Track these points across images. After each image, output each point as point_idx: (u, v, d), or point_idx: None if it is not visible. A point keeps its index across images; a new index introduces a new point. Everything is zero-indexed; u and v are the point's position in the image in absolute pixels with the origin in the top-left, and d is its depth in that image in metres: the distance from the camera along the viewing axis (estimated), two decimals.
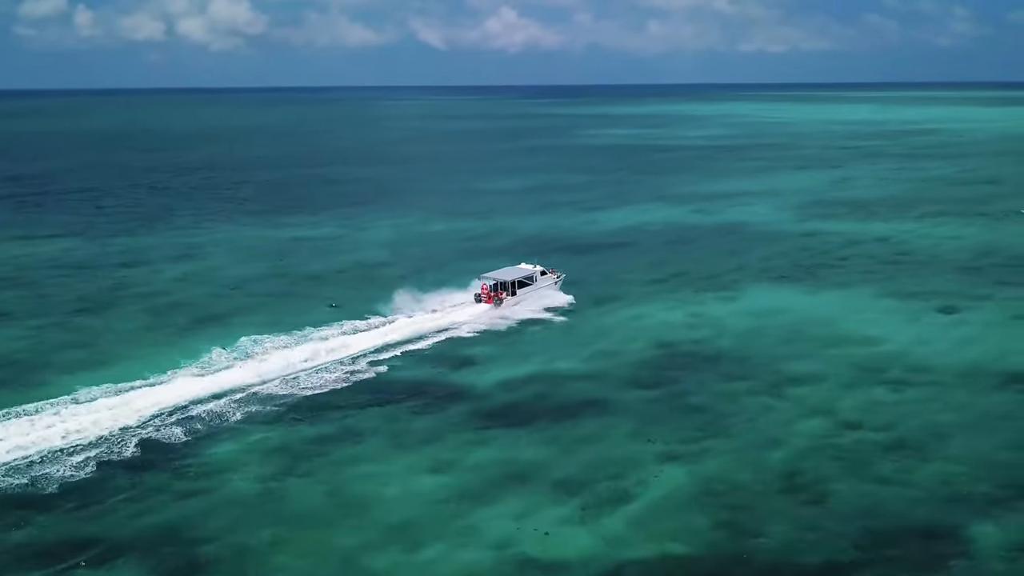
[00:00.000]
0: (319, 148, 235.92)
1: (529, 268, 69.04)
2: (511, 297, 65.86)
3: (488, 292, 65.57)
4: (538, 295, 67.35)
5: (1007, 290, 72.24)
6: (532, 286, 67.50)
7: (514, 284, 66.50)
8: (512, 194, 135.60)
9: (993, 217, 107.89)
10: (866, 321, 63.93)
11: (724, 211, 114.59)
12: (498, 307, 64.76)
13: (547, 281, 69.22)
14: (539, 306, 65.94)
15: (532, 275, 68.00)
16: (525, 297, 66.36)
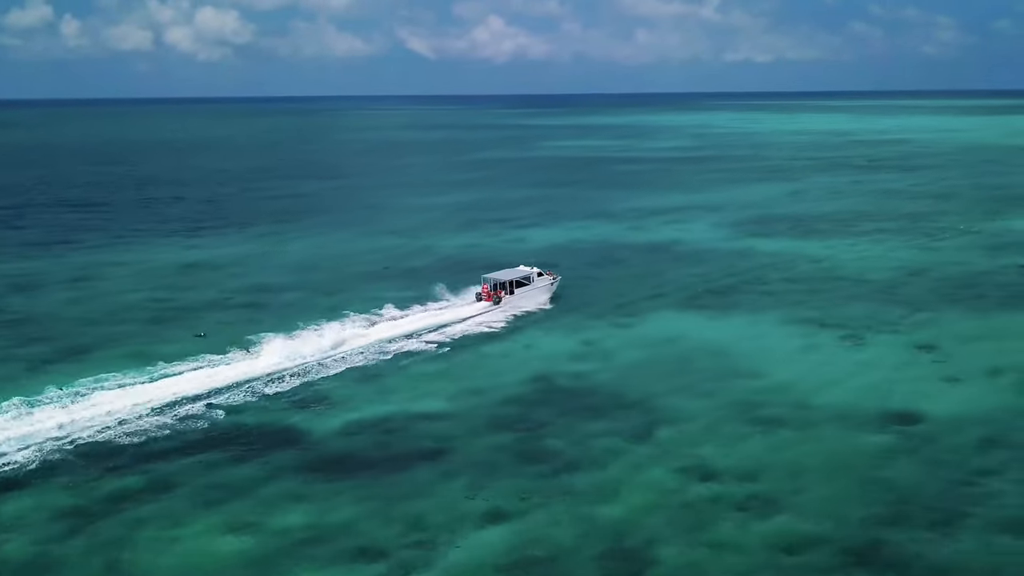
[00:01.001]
0: (276, 161, 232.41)
1: (527, 270, 74.45)
2: (509, 296, 71.07)
3: (488, 291, 70.90)
4: (534, 294, 72.61)
5: (920, 316, 68.97)
6: (529, 286, 72.68)
7: (512, 284, 71.78)
8: (448, 210, 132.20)
9: (932, 235, 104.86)
10: (762, 352, 60.55)
11: (659, 228, 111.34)
12: (497, 305, 69.96)
13: (543, 282, 74.34)
14: (535, 304, 71.94)
15: (529, 276, 73.36)
16: (522, 296, 71.65)
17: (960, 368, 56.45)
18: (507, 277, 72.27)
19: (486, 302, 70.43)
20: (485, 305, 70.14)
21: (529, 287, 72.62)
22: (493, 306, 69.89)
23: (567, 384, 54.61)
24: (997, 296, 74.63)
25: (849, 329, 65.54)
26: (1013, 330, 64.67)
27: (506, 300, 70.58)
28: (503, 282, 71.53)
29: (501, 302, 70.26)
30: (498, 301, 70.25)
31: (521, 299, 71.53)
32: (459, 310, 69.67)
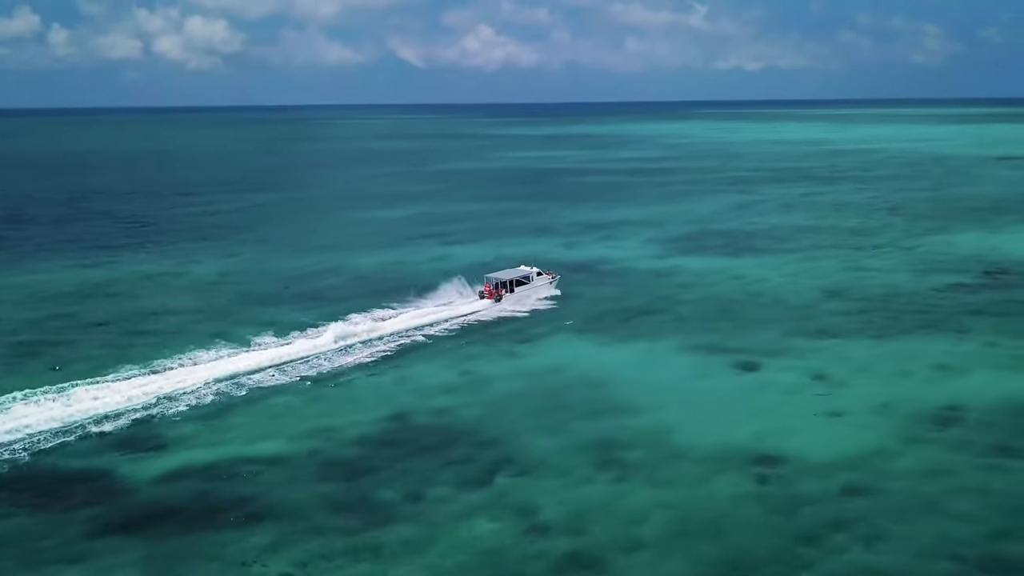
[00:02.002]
0: (231, 173, 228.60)
1: (527, 270, 79.65)
2: (510, 294, 75.95)
3: (491, 289, 75.64)
4: (534, 292, 77.76)
5: (826, 342, 65.79)
6: (529, 285, 77.80)
7: (512, 283, 76.70)
8: (384, 224, 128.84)
9: (867, 252, 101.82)
10: (645, 383, 57.29)
11: (589, 246, 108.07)
12: (498, 302, 74.82)
13: (543, 281, 79.64)
14: (534, 300, 76.91)
15: (529, 275, 78.46)
16: (522, 294, 76.54)
17: (849, 402, 53.23)
18: (508, 276, 77.39)
19: (488, 299, 75.28)
20: (487, 303, 74.97)
21: (528, 286, 77.94)
22: (495, 303, 74.90)
23: (424, 422, 51.20)
24: (912, 320, 71.45)
25: (747, 356, 62.35)
26: (918, 358, 61.42)
27: (507, 297, 75.65)
28: (504, 281, 76.63)
29: (502, 299, 75.27)
30: (499, 299, 75.27)
31: (521, 296, 76.50)
32: (462, 307, 74.22)
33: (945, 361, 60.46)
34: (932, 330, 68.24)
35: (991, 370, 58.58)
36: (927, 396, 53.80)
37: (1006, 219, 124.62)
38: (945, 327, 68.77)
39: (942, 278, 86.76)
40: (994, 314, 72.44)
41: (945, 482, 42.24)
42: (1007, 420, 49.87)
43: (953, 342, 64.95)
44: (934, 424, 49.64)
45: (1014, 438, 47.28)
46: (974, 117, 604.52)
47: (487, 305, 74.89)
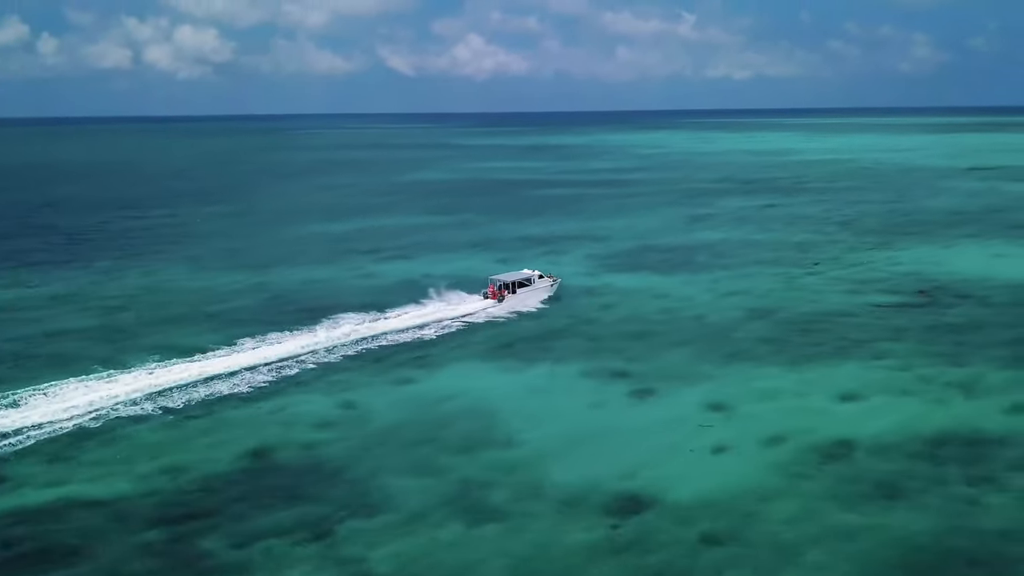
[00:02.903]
0: (192, 184, 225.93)
1: (529, 272, 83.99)
2: (512, 295, 79.76)
3: (494, 291, 79.85)
4: (535, 295, 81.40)
5: (734, 367, 63.21)
6: (530, 287, 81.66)
7: (514, 284, 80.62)
8: (324, 239, 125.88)
9: (807, 268, 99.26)
10: (534, 414, 54.68)
11: (525, 262, 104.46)
12: (501, 302, 78.87)
13: (544, 284, 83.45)
14: (537, 301, 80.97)
15: (531, 278, 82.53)
16: (523, 295, 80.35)
17: (738, 436, 50.59)
18: (511, 279, 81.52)
19: (491, 300, 79.35)
20: (491, 303, 79.06)
21: (530, 288, 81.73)
22: (497, 303, 78.91)
23: (284, 459, 48.34)
24: (830, 343, 68.96)
25: (648, 383, 59.79)
26: (825, 386, 58.89)
27: (509, 298, 79.52)
28: (507, 283, 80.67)
29: (504, 300, 79.22)
30: (502, 299, 79.27)
31: (522, 298, 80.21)
32: (467, 306, 78.41)
33: (852, 389, 57.95)
34: (848, 354, 65.72)
35: (896, 399, 56.13)
36: (821, 429, 51.21)
37: (956, 233, 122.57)
38: (862, 351, 66.30)
39: (874, 297, 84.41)
40: (915, 336, 70.07)
41: (809, 529, 39.62)
42: (898, 457, 47.31)
43: (865, 368, 62.49)
44: (820, 461, 47.04)
45: (901, 478, 44.69)
46: (957, 126, 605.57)
47: (490, 305, 78.87)
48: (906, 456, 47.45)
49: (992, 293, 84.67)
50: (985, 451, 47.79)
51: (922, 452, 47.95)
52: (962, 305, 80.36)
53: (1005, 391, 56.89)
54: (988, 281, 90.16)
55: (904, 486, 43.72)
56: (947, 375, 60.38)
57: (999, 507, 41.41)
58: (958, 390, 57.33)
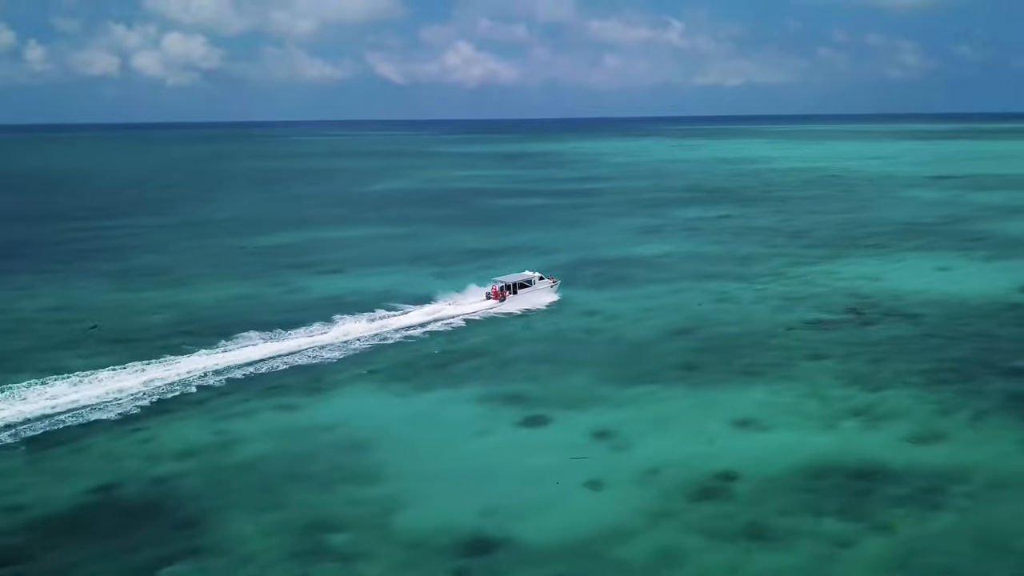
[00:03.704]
0: (147, 194, 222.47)
1: (530, 274, 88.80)
2: (513, 295, 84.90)
3: (497, 291, 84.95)
4: (536, 295, 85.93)
5: (635, 390, 60.85)
6: (530, 288, 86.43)
7: (516, 285, 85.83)
8: (260, 252, 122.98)
9: (743, 282, 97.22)
10: (410, 446, 52.19)
11: (458, 276, 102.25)
12: (503, 302, 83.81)
13: (544, 285, 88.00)
14: (538, 301, 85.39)
15: (531, 279, 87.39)
16: (524, 295, 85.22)
17: (618, 467, 48.18)
18: (513, 280, 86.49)
19: (494, 300, 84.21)
20: (493, 303, 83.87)
21: (531, 288, 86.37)
22: (499, 303, 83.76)
23: (130, 495, 45.63)
24: (744, 364, 66.56)
25: (542, 408, 57.30)
26: (726, 410, 56.53)
27: (510, 298, 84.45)
28: (508, 284, 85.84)
29: (506, 300, 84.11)
30: (503, 299, 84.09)
31: (523, 298, 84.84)
32: (470, 305, 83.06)
33: (750, 415, 55.48)
34: (757, 377, 63.28)
35: (792, 427, 53.68)
36: (705, 460, 48.70)
37: (907, 245, 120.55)
38: (772, 373, 63.89)
39: (804, 314, 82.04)
40: (832, 357, 67.70)
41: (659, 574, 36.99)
42: (777, 492, 44.83)
43: (771, 392, 60.05)
44: (694, 496, 44.51)
45: (773, 516, 42.21)
46: (938, 134, 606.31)
47: (493, 304, 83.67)
48: (787, 490, 44.97)
49: (925, 310, 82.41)
50: (871, 486, 45.33)
51: (804, 486, 45.48)
52: (890, 323, 78.07)
53: (908, 418, 54.55)
54: (924, 296, 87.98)
55: (774, 525, 41.22)
56: (853, 400, 58.00)
57: (869, 549, 38.96)
58: (860, 417, 54.92)
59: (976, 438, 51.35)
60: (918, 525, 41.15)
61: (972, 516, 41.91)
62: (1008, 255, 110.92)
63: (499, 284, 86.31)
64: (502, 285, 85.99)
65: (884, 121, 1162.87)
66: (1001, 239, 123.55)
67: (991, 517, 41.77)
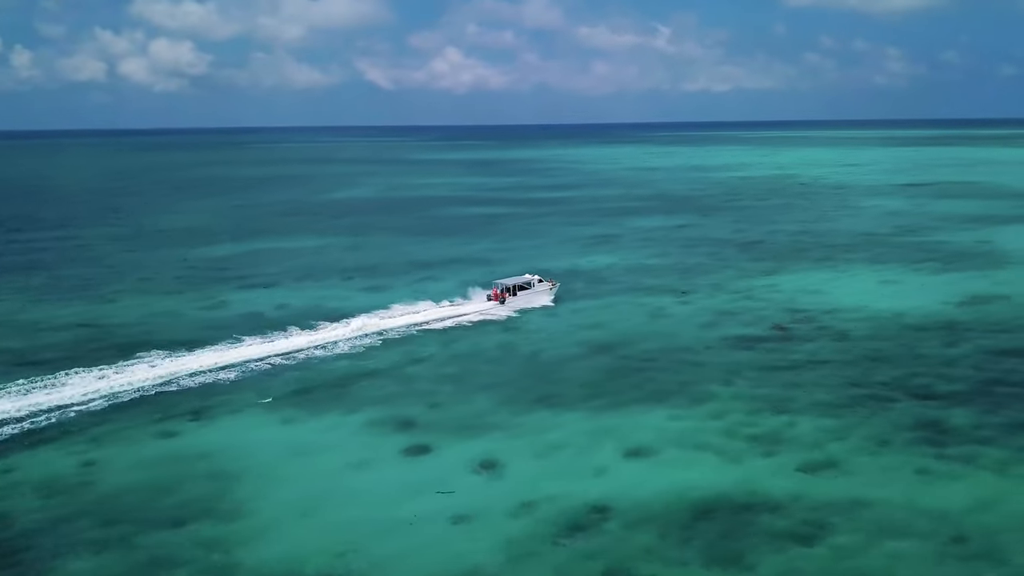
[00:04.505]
0: (93, 203, 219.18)
1: (530, 277, 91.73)
2: (513, 297, 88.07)
3: (497, 293, 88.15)
4: (535, 297, 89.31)
5: (535, 415, 58.56)
6: (530, 290, 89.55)
7: (515, 288, 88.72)
8: (188, 265, 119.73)
9: (677, 297, 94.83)
10: (279, 478, 49.66)
11: (395, 290, 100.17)
12: (503, 304, 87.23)
13: (543, 287, 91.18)
14: (538, 303, 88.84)
15: (531, 282, 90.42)
16: (524, 297, 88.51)
17: (492, 500, 45.96)
18: (513, 282, 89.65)
19: (494, 301, 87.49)
20: (494, 304, 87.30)
21: (530, 291, 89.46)
22: (500, 304, 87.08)
23: None
24: (654, 385, 64.36)
25: (432, 435, 54.98)
26: (620, 437, 54.33)
27: (510, 300, 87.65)
28: (509, 286, 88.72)
29: (506, 301, 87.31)
30: (503, 301, 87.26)
31: (523, 299, 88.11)
32: (473, 305, 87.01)
33: (646, 443, 53.24)
34: (663, 399, 61.04)
35: (687, 456, 51.50)
36: (588, 493, 46.42)
37: (857, 257, 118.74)
38: (681, 396, 61.71)
39: (731, 330, 79.86)
40: (747, 378, 65.60)
41: None
42: (651, 528, 42.65)
43: (673, 416, 57.85)
44: (563, 533, 42.27)
45: (640, 557, 40.02)
46: (919, 140, 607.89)
47: (493, 306, 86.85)
48: (659, 528, 42.67)
49: (856, 327, 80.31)
50: (749, 521, 43.08)
51: (679, 522, 43.16)
52: (816, 341, 75.91)
53: (808, 447, 52.30)
54: (859, 312, 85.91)
55: (637, 569, 38.87)
56: (756, 426, 55.75)
57: None
58: (759, 446, 52.64)
59: (874, 470, 49.10)
60: (787, 566, 38.83)
61: (847, 558, 39.62)
62: (955, 268, 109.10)
63: (500, 286, 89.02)
64: (502, 287, 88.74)
65: (870, 127, 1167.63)
66: (952, 251, 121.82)
67: (867, 560, 39.50)
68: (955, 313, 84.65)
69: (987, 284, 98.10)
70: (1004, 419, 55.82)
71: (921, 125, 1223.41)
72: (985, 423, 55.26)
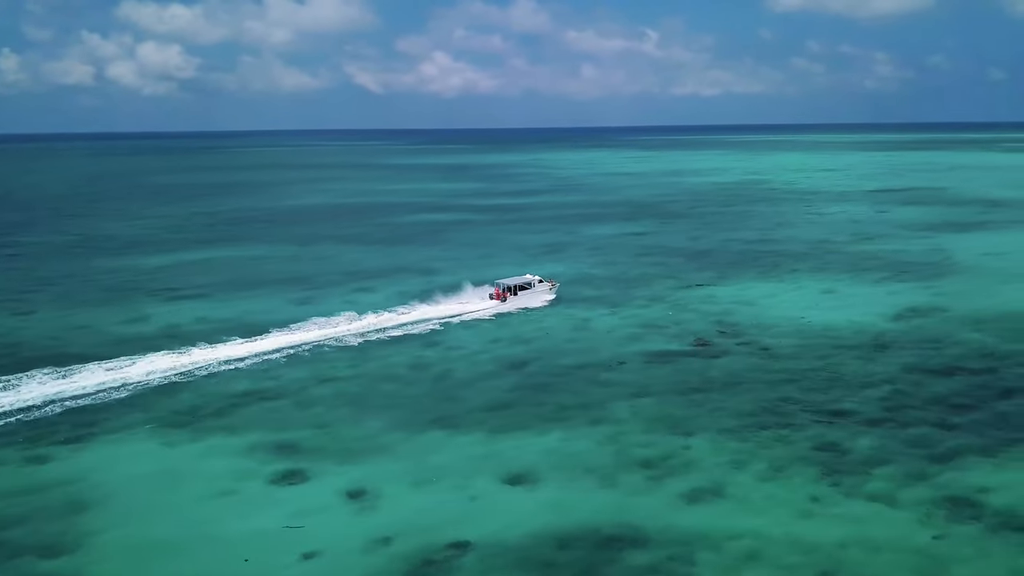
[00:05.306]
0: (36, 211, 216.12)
1: (531, 277, 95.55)
2: (514, 297, 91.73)
3: (499, 292, 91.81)
4: (535, 297, 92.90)
5: (424, 437, 56.40)
6: (530, 290, 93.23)
7: (516, 287, 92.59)
8: (122, 274, 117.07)
9: (607, 309, 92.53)
10: (138, 507, 47.61)
11: (325, 301, 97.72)
12: (504, 302, 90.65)
13: (543, 287, 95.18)
14: (537, 302, 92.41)
15: (531, 282, 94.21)
16: (524, 296, 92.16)
17: (351, 534, 43.94)
18: (513, 282, 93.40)
19: (496, 300, 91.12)
20: (496, 303, 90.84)
21: (530, 290, 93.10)
22: (501, 303, 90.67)
23: None
24: (556, 405, 62.26)
25: (306, 462, 52.65)
26: (505, 464, 52.12)
27: (511, 299, 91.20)
28: (510, 286, 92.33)
29: (507, 300, 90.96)
30: (504, 300, 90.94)
31: (523, 299, 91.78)
32: (475, 304, 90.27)
33: (532, 468, 51.23)
34: (563, 420, 59.00)
35: (567, 483, 49.42)
36: (455, 525, 44.42)
37: (802, 266, 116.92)
38: (582, 416, 59.70)
39: (654, 344, 77.81)
40: (654, 397, 63.59)
41: None
42: (506, 567, 40.52)
43: (569, 439, 55.91)
44: (415, 570, 39.93)
45: None
46: (902, 144, 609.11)
47: (495, 305, 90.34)
48: (520, 561, 40.79)
49: (782, 340, 78.31)
50: (615, 555, 41.21)
51: (540, 558, 41.17)
52: (737, 356, 73.83)
53: (698, 472, 50.33)
54: (790, 325, 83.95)
55: None
56: (651, 449, 53.74)
57: None
58: (648, 471, 50.63)
59: (759, 499, 46.97)
60: None
61: None
62: (900, 278, 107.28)
63: (501, 286, 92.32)
64: (504, 287, 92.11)
65: (858, 131, 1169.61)
66: (902, 260, 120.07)
67: None
68: (887, 327, 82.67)
69: (927, 296, 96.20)
70: (904, 443, 53.83)
71: (908, 129, 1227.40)
72: (885, 447, 53.23)
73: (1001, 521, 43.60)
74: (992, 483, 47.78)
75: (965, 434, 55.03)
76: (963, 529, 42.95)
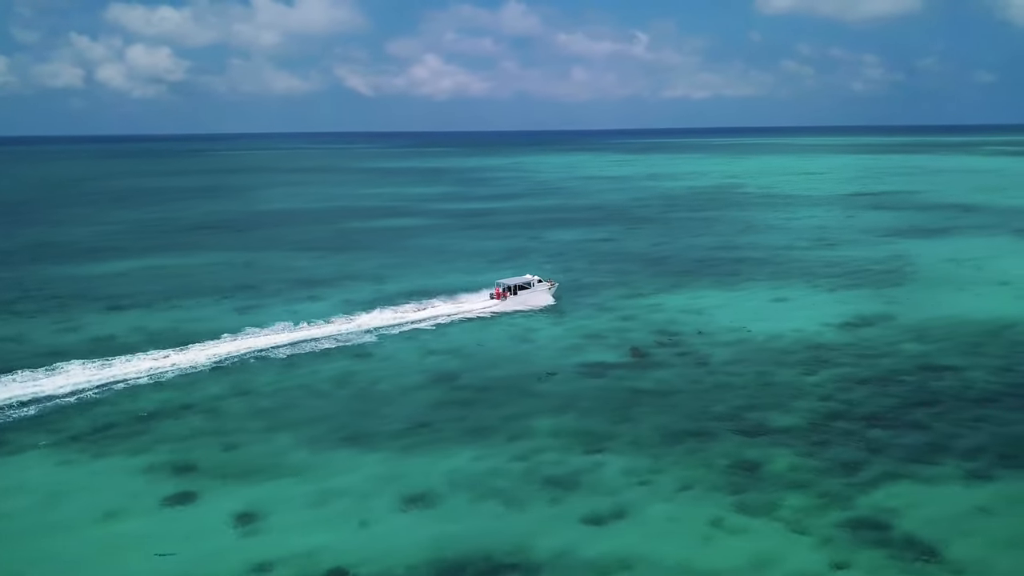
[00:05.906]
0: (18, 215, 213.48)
1: (530, 277, 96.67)
2: (513, 296, 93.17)
3: (500, 292, 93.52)
4: (535, 296, 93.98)
5: (338, 454, 54.58)
6: (529, 290, 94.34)
7: (516, 287, 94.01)
8: (62, 284, 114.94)
9: (555, 317, 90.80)
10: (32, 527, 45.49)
11: (271, 309, 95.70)
12: (504, 301, 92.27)
13: (542, 287, 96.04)
14: (536, 303, 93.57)
15: (531, 282, 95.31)
16: (524, 296, 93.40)
17: (227, 561, 41.99)
18: (513, 282, 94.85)
19: (496, 299, 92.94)
20: (496, 301, 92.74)
21: (530, 290, 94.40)
22: (501, 302, 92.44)
23: None
24: (477, 420, 60.85)
25: (203, 483, 51.02)
26: (410, 483, 50.46)
27: (511, 299, 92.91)
28: (510, 286, 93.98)
29: (507, 300, 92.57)
30: (504, 299, 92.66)
31: (523, 298, 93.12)
32: (477, 304, 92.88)
33: (432, 489, 49.56)
34: (480, 436, 57.47)
35: (467, 506, 47.88)
36: (341, 547, 43.16)
37: (758, 273, 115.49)
38: (500, 432, 58.37)
39: (590, 355, 76.24)
40: (579, 409, 62.09)
41: None
42: None
43: (479, 457, 54.35)
44: None
45: None
46: (887, 147, 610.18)
47: (495, 304, 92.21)
48: None
49: (721, 351, 76.73)
50: None
51: None
52: (672, 367, 72.23)
53: (606, 491, 48.90)
54: (733, 334, 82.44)
55: None
56: (563, 466, 52.27)
57: None
58: (555, 489, 49.15)
59: (662, 520, 45.38)
60: None
61: None
62: (855, 285, 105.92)
63: (502, 286, 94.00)
64: (504, 287, 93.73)
65: (847, 133, 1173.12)
66: (860, 267, 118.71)
67: None
68: (829, 337, 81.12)
69: (877, 304, 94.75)
70: (822, 462, 52.16)
71: (897, 131, 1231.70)
72: (802, 466, 51.59)
73: (904, 546, 41.98)
74: (902, 504, 46.25)
75: (884, 451, 53.48)
76: (865, 556, 41.23)
